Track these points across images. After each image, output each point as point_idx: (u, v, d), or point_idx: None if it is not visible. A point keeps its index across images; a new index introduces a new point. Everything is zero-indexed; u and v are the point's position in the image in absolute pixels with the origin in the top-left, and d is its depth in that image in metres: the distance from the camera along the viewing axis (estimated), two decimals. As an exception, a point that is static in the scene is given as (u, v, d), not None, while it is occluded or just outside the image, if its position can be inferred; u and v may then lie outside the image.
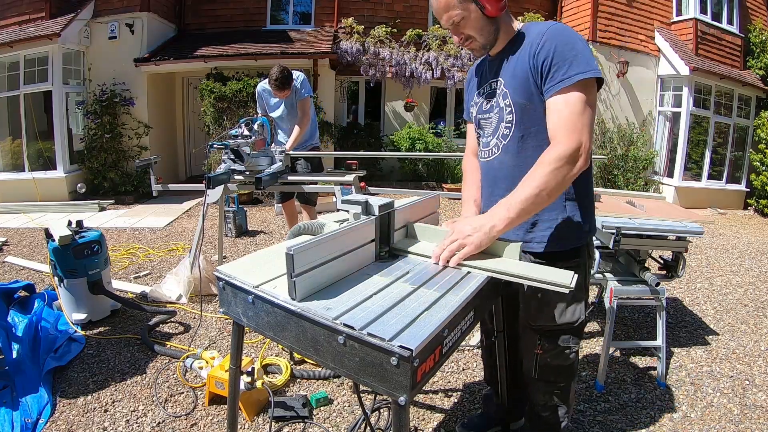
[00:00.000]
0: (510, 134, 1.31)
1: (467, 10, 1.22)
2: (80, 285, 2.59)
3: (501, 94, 1.31)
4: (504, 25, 1.29)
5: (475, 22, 1.24)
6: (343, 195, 2.44)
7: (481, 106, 1.40)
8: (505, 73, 1.29)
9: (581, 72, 1.15)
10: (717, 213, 7.58)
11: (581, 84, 1.15)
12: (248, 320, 1.11)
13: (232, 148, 2.78)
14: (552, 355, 1.38)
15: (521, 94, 1.25)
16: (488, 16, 1.23)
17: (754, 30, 8.52)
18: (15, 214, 5.85)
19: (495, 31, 1.28)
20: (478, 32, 1.26)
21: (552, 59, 1.17)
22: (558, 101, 1.18)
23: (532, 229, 1.33)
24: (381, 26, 8.02)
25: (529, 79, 1.22)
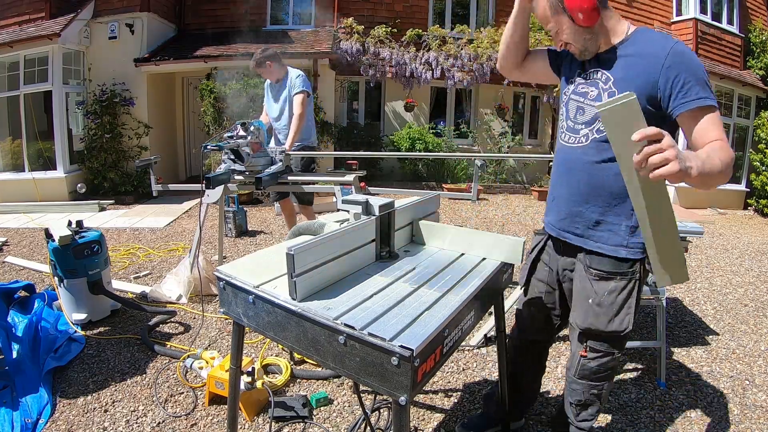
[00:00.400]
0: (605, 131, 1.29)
1: (559, 23, 1.28)
2: (80, 285, 2.59)
3: (608, 90, 1.29)
4: (605, 29, 1.29)
5: (570, 31, 1.28)
6: (343, 195, 2.45)
7: (578, 88, 1.37)
8: (617, 71, 1.28)
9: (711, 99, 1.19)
10: (717, 213, 7.58)
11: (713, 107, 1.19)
12: (249, 320, 1.11)
13: (232, 149, 2.78)
14: (594, 359, 1.41)
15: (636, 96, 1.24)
16: (581, 26, 1.26)
17: (754, 30, 8.52)
18: (15, 214, 5.85)
19: (593, 38, 1.29)
20: (573, 39, 1.30)
21: (685, 77, 1.18)
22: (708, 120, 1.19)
23: (593, 228, 1.35)
24: (381, 26, 8.02)
25: (647, 88, 1.22)
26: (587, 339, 1.40)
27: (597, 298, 1.35)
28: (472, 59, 7.91)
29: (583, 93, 1.35)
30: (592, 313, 1.36)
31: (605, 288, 1.34)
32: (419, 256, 1.35)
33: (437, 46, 8.04)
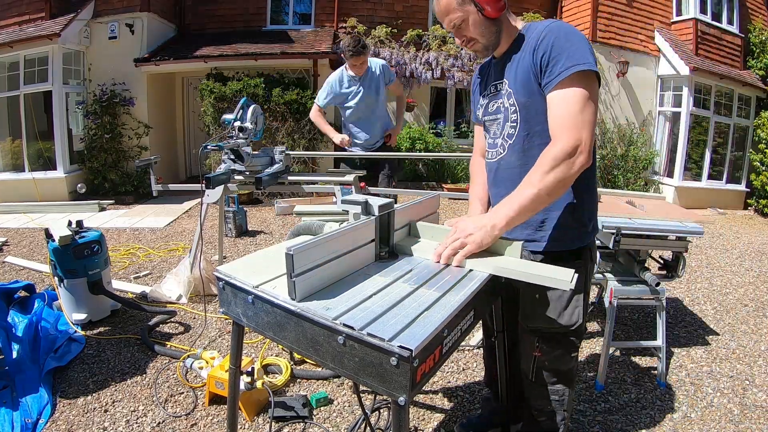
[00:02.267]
0: (515, 133, 1.31)
1: (467, 12, 1.23)
2: (80, 285, 2.59)
3: (506, 94, 1.31)
4: (506, 26, 1.30)
5: (476, 24, 1.24)
6: (343, 195, 2.44)
7: (487, 107, 1.40)
8: (509, 74, 1.30)
9: (576, 64, 1.14)
10: (717, 213, 7.58)
11: (579, 78, 1.14)
12: (248, 320, 1.11)
13: (232, 149, 2.78)
14: (550, 359, 1.36)
15: (524, 92, 1.25)
16: (488, 17, 1.23)
17: (754, 30, 8.51)
18: (15, 214, 5.85)
19: (497, 32, 1.28)
20: (479, 34, 1.27)
21: (550, 53, 1.17)
22: (557, 97, 1.17)
23: (541, 228, 1.33)
24: (381, 26, 8.02)
25: (530, 77, 1.22)
26: (538, 338, 1.35)
27: (542, 294, 1.32)
28: (472, 59, 7.90)
29: (495, 110, 1.37)
30: (540, 310, 1.33)
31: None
32: (419, 257, 1.35)
33: (437, 46, 8.04)
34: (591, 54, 1.16)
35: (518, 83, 1.26)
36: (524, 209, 1.15)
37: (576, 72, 1.13)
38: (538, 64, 1.19)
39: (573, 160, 1.13)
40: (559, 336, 1.34)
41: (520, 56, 1.26)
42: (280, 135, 6.84)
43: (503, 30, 1.29)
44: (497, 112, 1.36)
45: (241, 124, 2.79)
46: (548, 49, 1.17)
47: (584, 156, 1.14)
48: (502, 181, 1.39)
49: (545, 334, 1.35)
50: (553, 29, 1.20)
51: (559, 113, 1.16)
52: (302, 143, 6.92)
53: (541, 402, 1.41)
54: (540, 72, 1.20)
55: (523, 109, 1.27)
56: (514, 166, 1.33)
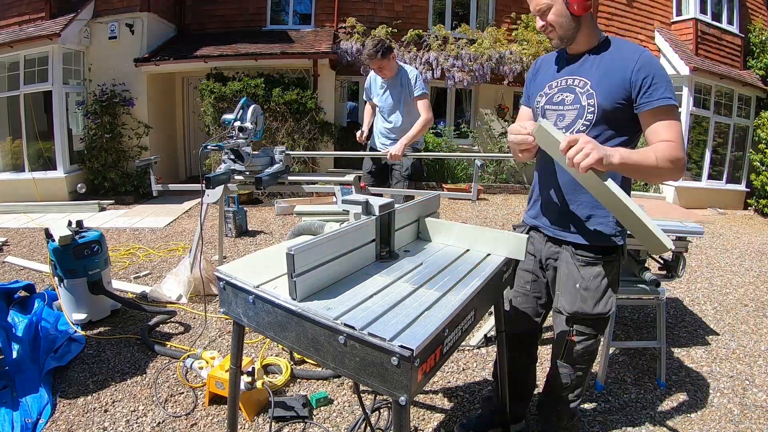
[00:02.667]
0: (586, 132, 1.35)
1: (553, 1, 1.31)
2: (80, 285, 2.58)
3: (585, 93, 1.36)
4: (587, 27, 1.36)
5: (559, 14, 1.32)
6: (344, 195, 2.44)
7: (553, 97, 1.44)
8: (592, 75, 1.35)
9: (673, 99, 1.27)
10: (717, 213, 7.58)
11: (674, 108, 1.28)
12: (249, 320, 1.11)
13: (232, 149, 2.78)
14: (581, 342, 1.47)
15: (609, 100, 1.31)
16: (572, 12, 1.30)
17: (754, 30, 8.52)
18: (15, 214, 5.85)
19: (575, 29, 1.34)
20: (559, 24, 1.33)
21: (653, 79, 1.27)
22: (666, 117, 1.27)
23: (587, 221, 1.41)
24: (381, 26, 8.01)
25: (621, 90, 1.30)
26: (574, 323, 1.46)
27: (584, 283, 1.42)
28: (472, 59, 7.90)
29: (560, 101, 1.42)
30: (579, 298, 1.42)
31: (591, 273, 1.41)
32: (424, 253, 1.36)
33: (437, 46, 8.03)
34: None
35: (604, 89, 1.32)
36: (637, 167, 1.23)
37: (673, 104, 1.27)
38: (638, 83, 1.27)
39: (681, 172, 1.28)
40: (593, 322, 1.45)
41: (610, 64, 1.33)
42: (280, 135, 6.84)
43: (582, 29, 1.35)
44: (563, 104, 1.40)
45: (241, 124, 2.79)
46: (651, 74, 1.27)
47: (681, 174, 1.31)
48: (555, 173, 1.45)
49: (580, 319, 1.44)
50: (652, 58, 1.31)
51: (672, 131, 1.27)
52: (302, 143, 6.92)
53: (565, 379, 1.53)
54: (637, 90, 1.28)
55: (602, 113, 1.33)
56: None
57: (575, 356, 1.49)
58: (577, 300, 1.43)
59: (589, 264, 1.42)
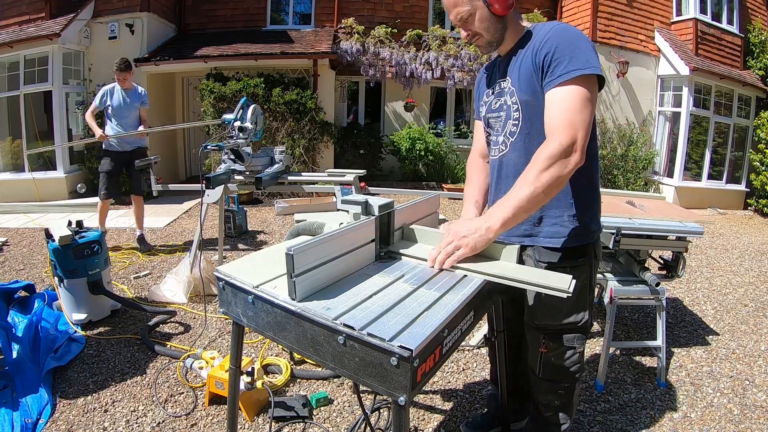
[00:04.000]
0: (517, 131, 1.32)
1: (475, 6, 1.24)
2: (80, 285, 2.59)
3: (509, 92, 1.32)
4: (512, 24, 1.31)
5: (482, 18, 1.26)
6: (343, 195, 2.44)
7: (491, 105, 1.41)
8: (513, 72, 1.31)
9: (580, 68, 1.14)
10: (717, 213, 7.58)
11: (581, 80, 1.15)
12: (248, 320, 1.11)
13: (232, 149, 2.78)
14: (556, 355, 1.38)
15: (526, 91, 1.26)
16: (495, 14, 1.25)
17: (754, 30, 8.51)
18: (15, 214, 5.85)
19: (502, 29, 1.29)
20: (484, 29, 1.27)
21: (553, 54, 1.17)
22: (555, 95, 1.17)
23: (539, 224, 1.34)
24: (381, 26, 8.02)
25: (532, 76, 1.23)
26: (544, 334, 1.37)
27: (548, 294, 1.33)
28: (472, 59, 7.90)
29: (498, 107, 1.37)
30: (546, 308, 1.34)
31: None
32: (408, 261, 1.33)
33: (437, 46, 8.04)
34: (596, 58, 1.17)
35: (521, 81, 1.27)
36: (521, 209, 1.15)
37: (579, 75, 1.14)
38: (539, 64, 1.20)
39: (568, 159, 1.13)
40: (565, 332, 1.35)
41: (523, 55, 1.27)
42: (280, 135, 6.84)
43: (509, 28, 1.30)
44: (500, 109, 1.37)
45: (241, 124, 2.79)
46: (552, 50, 1.17)
47: (578, 154, 1.14)
48: (504, 178, 1.39)
49: (551, 331, 1.36)
50: (558, 31, 1.21)
51: (557, 112, 1.16)
52: (302, 143, 6.93)
53: (547, 397, 1.43)
54: (542, 72, 1.20)
55: (525, 107, 1.28)
56: (515, 163, 1.34)
57: (552, 370, 1.38)
58: (544, 310, 1.34)
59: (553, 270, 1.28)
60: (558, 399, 1.42)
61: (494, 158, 1.43)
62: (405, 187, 7.12)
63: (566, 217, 1.31)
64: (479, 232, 1.16)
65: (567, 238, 1.31)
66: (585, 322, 1.35)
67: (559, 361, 1.38)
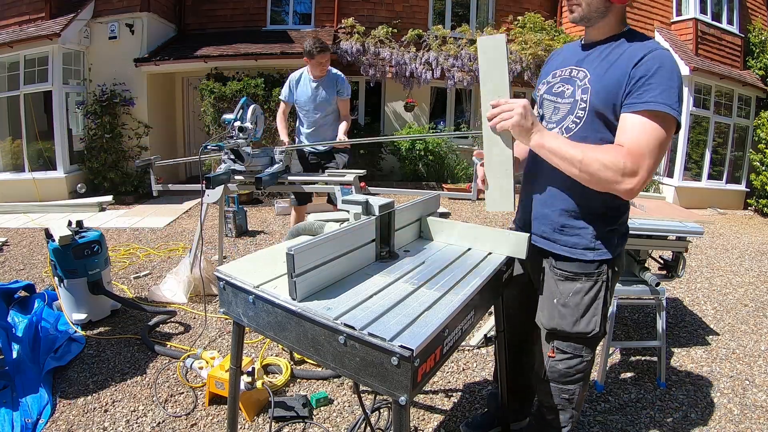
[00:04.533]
0: (575, 130, 1.25)
1: None
2: (80, 285, 2.59)
3: (582, 87, 1.24)
4: (614, 16, 1.23)
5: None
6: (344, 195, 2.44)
7: (553, 87, 1.34)
8: (595, 69, 1.23)
9: (668, 104, 1.10)
10: (717, 213, 7.58)
11: (665, 118, 1.11)
12: (249, 320, 1.11)
13: (232, 149, 2.78)
14: (563, 361, 1.37)
15: (603, 99, 1.19)
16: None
17: (754, 30, 8.52)
18: (15, 214, 5.85)
19: (602, 13, 1.21)
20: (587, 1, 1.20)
21: (650, 78, 1.12)
22: (639, 121, 1.12)
23: (561, 232, 1.31)
24: (381, 26, 8.02)
25: (616, 87, 1.17)
26: (554, 340, 1.37)
27: (562, 299, 1.32)
28: (472, 59, 7.90)
29: (559, 93, 1.31)
30: (557, 314, 1.33)
31: (570, 289, 1.31)
32: (424, 253, 1.35)
33: (437, 46, 8.04)
34: (680, 102, 1.13)
35: (601, 85, 1.20)
36: (557, 155, 1.16)
37: (664, 111, 1.10)
38: (634, 79, 1.13)
39: (621, 180, 1.11)
40: (575, 341, 1.35)
41: (613, 58, 1.20)
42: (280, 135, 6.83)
43: (609, 16, 1.22)
44: (562, 96, 1.29)
45: (241, 124, 2.79)
46: (649, 73, 1.12)
47: (630, 187, 1.11)
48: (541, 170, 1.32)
49: (561, 337, 1.35)
50: (662, 56, 1.14)
51: (636, 136, 1.11)
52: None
53: (550, 400, 1.42)
54: (629, 87, 1.14)
55: (593, 113, 1.22)
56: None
57: (557, 375, 1.38)
58: (555, 316, 1.33)
59: (568, 279, 1.31)
60: (561, 403, 1.41)
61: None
62: (405, 187, 7.13)
63: (590, 230, 1.28)
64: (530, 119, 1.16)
65: (586, 250, 1.29)
66: (595, 335, 1.32)
67: (566, 367, 1.37)
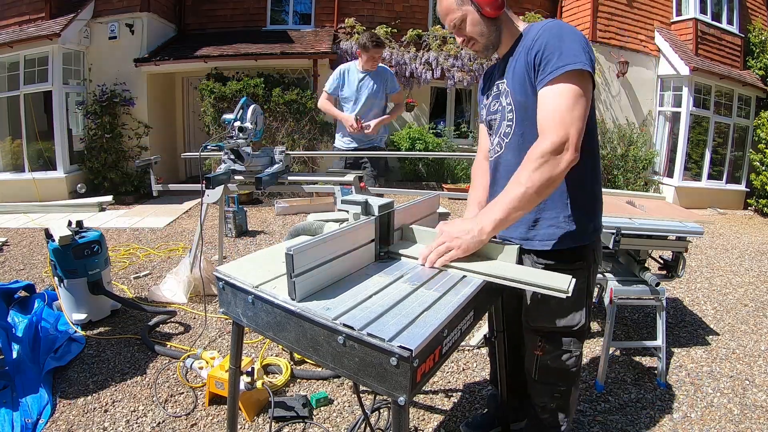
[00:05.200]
0: (511, 132, 1.31)
1: (465, 12, 1.25)
2: (80, 285, 2.59)
3: (504, 93, 1.32)
4: (507, 26, 1.30)
5: (474, 23, 1.25)
6: (343, 195, 2.44)
7: (489, 107, 1.41)
8: (508, 73, 1.30)
9: (569, 63, 1.12)
10: (717, 213, 7.58)
11: (571, 75, 1.12)
12: (248, 320, 1.11)
13: (232, 149, 2.78)
14: (552, 358, 1.37)
15: (520, 91, 1.25)
16: (487, 16, 1.24)
17: (754, 30, 8.51)
18: (15, 214, 5.85)
19: (496, 32, 1.28)
20: (478, 34, 1.27)
21: (543, 52, 1.16)
22: (547, 94, 1.16)
23: (534, 227, 1.32)
24: (381, 26, 8.02)
25: (525, 77, 1.22)
26: (540, 337, 1.36)
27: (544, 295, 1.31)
28: (472, 59, 7.90)
29: (495, 110, 1.37)
30: (542, 309, 1.33)
31: None
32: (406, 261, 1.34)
33: (437, 46, 8.04)
34: (586, 53, 1.14)
35: (515, 82, 1.26)
36: (513, 210, 1.14)
37: (568, 71, 1.12)
38: (531, 63, 1.19)
39: (560, 157, 1.11)
40: (561, 335, 1.35)
41: (518, 55, 1.26)
42: (280, 135, 6.84)
43: (503, 30, 1.29)
44: (497, 111, 1.36)
45: (241, 124, 2.79)
46: (542, 48, 1.16)
47: (571, 152, 1.12)
48: (499, 179, 1.39)
49: (547, 333, 1.35)
50: (549, 28, 1.19)
51: (548, 109, 1.14)
52: (302, 143, 6.93)
53: (543, 400, 1.42)
54: (534, 71, 1.19)
55: (519, 108, 1.27)
56: (511, 164, 1.32)
57: (548, 372, 1.37)
58: (540, 312, 1.34)
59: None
60: (554, 401, 1.40)
61: (491, 160, 1.43)
62: (405, 187, 7.13)
63: (562, 218, 1.29)
64: (471, 234, 1.15)
65: (563, 239, 1.29)
66: (581, 326, 1.33)
67: (555, 364, 1.37)
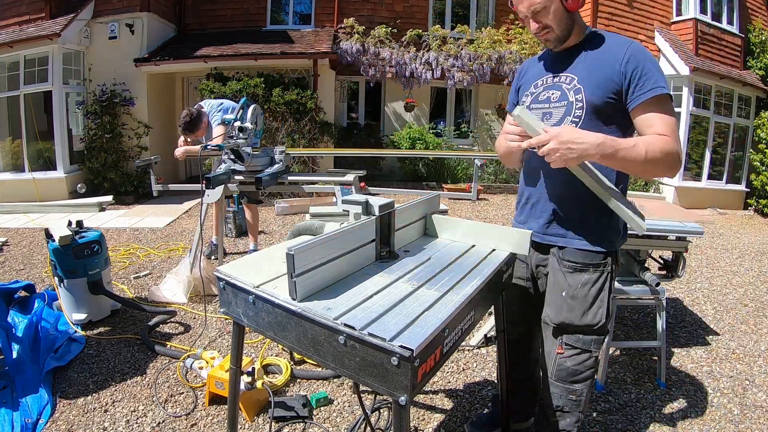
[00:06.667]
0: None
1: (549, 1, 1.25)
2: (80, 285, 2.59)
3: (572, 89, 1.31)
4: (578, 22, 1.32)
5: (556, 12, 1.27)
6: (344, 195, 2.44)
7: (538, 96, 1.40)
8: (580, 70, 1.31)
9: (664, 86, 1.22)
10: (717, 213, 7.58)
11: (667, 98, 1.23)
12: (249, 320, 1.11)
13: (232, 149, 2.78)
14: (572, 358, 1.38)
15: (598, 94, 1.27)
16: (568, 9, 1.26)
17: (754, 30, 8.52)
18: (15, 214, 5.85)
19: (571, 25, 1.30)
20: (556, 23, 1.28)
21: (642, 69, 1.22)
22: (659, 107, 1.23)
23: (573, 225, 1.36)
24: (381, 26, 8.02)
25: (611, 83, 1.25)
26: (562, 335, 1.38)
27: (571, 291, 1.35)
28: (472, 59, 7.91)
29: (545, 99, 1.38)
30: (566, 307, 1.36)
31: (579, 280, 1.35)
32: (426, 252, 1.36)
33: (437, 46, 8.04)
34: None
35: (593, 83, 1.28)
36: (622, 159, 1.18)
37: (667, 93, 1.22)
38: (629, 75, 1.23)
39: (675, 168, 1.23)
40: (583, 335, 1.37)
41: (598, 58, 1.28)
42: (280, 135, 6.84)
43: (575, 24, 1.31)
44: (549, 101, 1.36)
45: (241, 124, 2.79)
46: (641, 65, 1.23)
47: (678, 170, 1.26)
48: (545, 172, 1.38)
49: (570, 331, 1.37)
50: (643, 50, 1.27)
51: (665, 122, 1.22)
52: (302, 143, 6.93)
53: (558, 401, 1.42)
54: (627, 83, 1.24)
55: (591, 109, 1.29)
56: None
57: (565, 374, 1.38)
58: (563, 309, 1.36)
59: (577, 271, 1.35)
60: (569, 405, 1.41)
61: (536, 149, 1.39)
62: (405, 188, 7.13)
63: (604, 221, 1.34)
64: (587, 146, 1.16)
65: (594, 242, 1.34)
66: (603, 325, 1.35)
67: (575, 364, 1.38)
